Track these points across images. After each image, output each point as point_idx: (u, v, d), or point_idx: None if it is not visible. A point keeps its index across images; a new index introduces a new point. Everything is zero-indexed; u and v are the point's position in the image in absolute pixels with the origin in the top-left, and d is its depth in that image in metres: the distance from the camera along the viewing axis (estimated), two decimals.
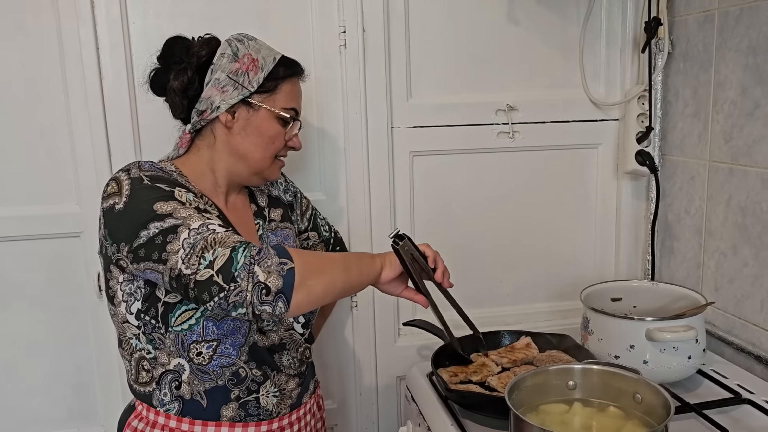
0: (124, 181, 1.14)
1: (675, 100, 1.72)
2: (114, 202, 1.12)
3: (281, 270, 1.03)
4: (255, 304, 1.02)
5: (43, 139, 1.54)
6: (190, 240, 1.05)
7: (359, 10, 1.60)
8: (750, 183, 1.48)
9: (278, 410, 1.28)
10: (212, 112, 1.22)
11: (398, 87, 1.68)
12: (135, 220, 1.09)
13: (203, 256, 1.03)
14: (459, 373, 1.42)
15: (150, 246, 1.07)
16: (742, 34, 1.48)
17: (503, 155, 1.77)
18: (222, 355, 1.20)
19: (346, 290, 1.16)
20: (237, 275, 1.01)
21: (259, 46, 1.25)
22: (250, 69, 1.22)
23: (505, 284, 1.85)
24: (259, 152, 1.25)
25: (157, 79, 1.28)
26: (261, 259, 1.03)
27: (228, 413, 1.22)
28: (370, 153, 1.68)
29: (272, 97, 1.24)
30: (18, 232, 1.56)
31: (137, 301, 1.18)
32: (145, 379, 1.22)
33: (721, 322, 1.59)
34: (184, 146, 1.28)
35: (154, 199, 1.10)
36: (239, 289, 1.01)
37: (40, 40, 1.50)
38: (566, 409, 1.16)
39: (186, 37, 1.27)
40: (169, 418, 1.21)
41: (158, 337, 1.19)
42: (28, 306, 1.60)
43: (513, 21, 1.72)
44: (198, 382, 1.20)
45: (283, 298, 1.03)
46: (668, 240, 1.78)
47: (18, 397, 1.62)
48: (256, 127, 1.24)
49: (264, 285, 1.01)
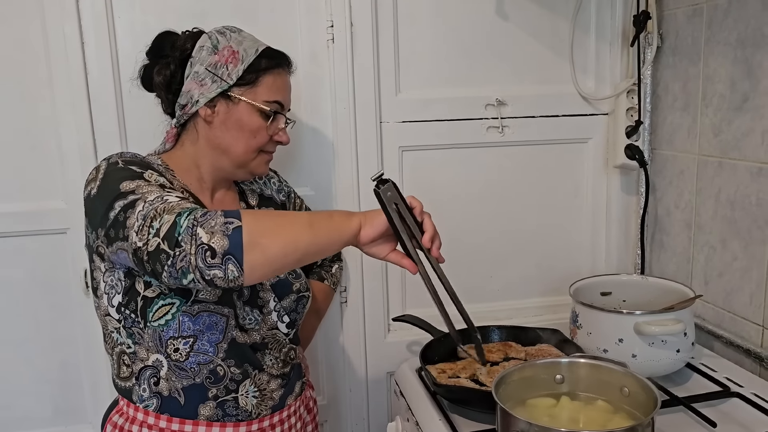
0: (102, 167, 1.14)
1: (664, 94, 1.72)
2: (90, 188, 1.12)
3: (226, 229, 0.95)
4: (202, 268, 0.95)
5: (28, 135, 1.53)
6: (143, 212, 1.00)
7: (347, 4, 1.59)
8: (739, 177, 1.48)
9: (258, 411, 1.24)
10: (192, 107, 1.21)
11: (387, 82, 1.67)
12: (104, 202, 1.07)
13: (152, 225, 0.98)
14: (447, 369, 1.42)
15: (116, 225, 1.04)
16: (731, 27, 1.47)
17: (493, 150, 1.77)
18: (199, 351, 1.17)
19: (313, 250, 1.03)
20: (181, 239, 0.95)
21: (242, 38, 1.23)
22: (229, 61, 1.20)
23: (495, 279, 1.84)
24: (240, 146, 1.23)
25: (146, 74, 1.28)
26: (205, 220, 0.96)
27: (205, 412, 1.20)
28: (359, 148, 1.67)
29: (253, 90, 1.22)
30: (3, 228, 1.55)
31: (118, 294, 1.17)
32: (126, 374, 1.21)
33: (711, 315, 1.59)
34: (171, 141, 1.27)
35: (121, 178, 1.08)
36: (184, 253, 0.95)
37: (25, 34, 1.49)
38: (554, 403, 1.16)
39: (175, 32, 1.27)
40: (147, 414, 1.20)
41: (137, 332, 1.17)
42: (13, 303, 1.58)
43: (502, 15, 1.71)
44: (176, 379, 1.18)
45: (232, 260, 0.94)
46: (658, 234, 1.78)
47: (4, 395, 1.61)
48: (236, 120, 1.22)
49: (207, 246, 0.94)
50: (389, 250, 1.11)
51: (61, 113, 1.52)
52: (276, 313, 1.27)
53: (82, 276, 1.59)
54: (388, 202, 1.04)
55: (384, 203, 1.04)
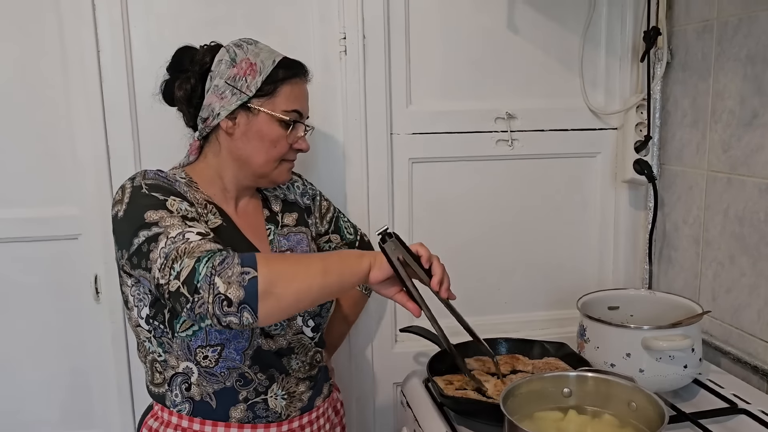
0: (127, 189, 1.17)
1: (674, 110, 1.72)
2: (117, 210, 1.15)
3: (242, 280, 0.99)
4: (219, 315, 1.00)
5: (43, 141, 1.55)
6: (165, 249, 1.04)
7: (360, 17, 1.61)
8: (748, 193, 1.48)
9: (288, 413, 1.28)
10: (213, 119, 1.24)
11: (398, 93, 1.68)
12: (129, 228, 1.11)
13: (173, 267, 1.02)
14: (455, 381, 1.42)
15: (139, 254, 1.09)
16: (741, 43, 1.48)
17: (502, 163, 1.78)
18: (227, 359, 1.21)
19: (326, 294, 1.10)
20: (199, 287, 0.99)
21: (258, 50, 1.25)
22: (248, 73, 1.22)
23: (502, 292, 1.85)
24: (261, 156, 1.26)
25: (167, 89, 1.31)
26: (222, 269, 1.00)
27: (237, 414, 1.23)
28: (369, 159, 1.68)
29: (271, 101, 1.24)
30: (16, 233, 1.56)
31: (146, 307, 1.20)
32: (159, 381, 1.25)
33: (718, 331, 1.59)
34: (194, 153, 1.30)
35: (146, 207, 1.12)
36: (202, 300, 1.00)
37: (42, 42, 1.51)
38: (561, 416, 1.16)
39: (194, 47, 1.29)
40: (181, 418, 1.23)
41: (167, 342, 1.21)
42: (24, 307, 1.60)
43: (513, 29, 1.73)
44: (207, 384, 1.22)
45: (248, 309, 1.00)
46: (666, 249, 1.78)
47: (13, 399, 1.62)
48: (257, 131, 1.24)
49: (224, 296, 0.99)
50: (396, 291, 1.16)
51: (76, 120, 1.54)
52: (301, 318, 1.30)
53: (93, 282, 1.60)
54: (392, 255, 1.11)
55: (389, 257, 1.11)
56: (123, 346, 1.63)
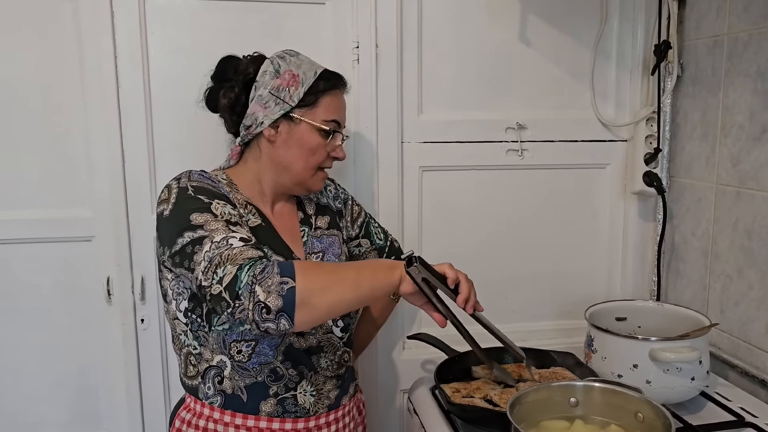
0: (173, 189, 1.22)
1: (683, 123, 1.73)
2: (163, 209, 1.21)
3: (281, 290, 1.05)
4: (257, 321, 1.06)
5: (59, 145, 1.57)
6: (210, 253, 1.10)
7: (373, 27, 1.63)
8: (757, 207, 1.49)
9: (316, 409, 1.31)
10: (257, 127, 1.28)
11: (410, 102, 1.70)
12: (174, 228, 1.17)
13: (216, 272, 1.08)
14: (462, 388, 1.43)
15: (182, 254, 1.14)
16: (751, 59, 1.49)
17: (512, 173, 1.79)
18: (260, 353, 1.25)
19: (357, 305, 1.17)
20: (240, 294, 1.05)
21: (300, 61, 1.30)
22: (290, 84, 1.27)
23: (510, 301, 1.85)
24: (300, 163, 1.30)
25: (211, 97, 1.35)
26: (263, 278, 1.05)
27: (267, 408, 1.27)
28: (380, 167, 1.70)
29: (313, 111, 1.29)
30: (30, 234, 1.58)
31: (184, 300, 1.26)
32: (192, 373, 1.29)
33: (726, 344, 1.59)
34: (235, 158, 1.35)
35: (192, 209, 1.17)
36: (242, 306, 1.05)
37: (60, 47, 1.53)
38: (567, 425, 1.17)
39: (237, 57, 1.34)
40: (213, 410, 1.28)
41: (203, 335, 1.26)
42: (35, 307, 1.61)
43: (525, 41, 1.74)
44: (239, 378, 1.26)
45: (285, 316, 1.06)
46: (674, 261, 1.79)
47: (22, 400, 1.64)
48: (298, 139, 1.29)
49: (264, 305, 1.05)
50: (424, 302, 1.21)
51: (92, 124, 1.56)
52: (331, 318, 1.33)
53: (105, 283, 1.62)
54: (416, 278, 1.16)
55: (415, 281, 1.16)
56: (133, 349, 1.65)
